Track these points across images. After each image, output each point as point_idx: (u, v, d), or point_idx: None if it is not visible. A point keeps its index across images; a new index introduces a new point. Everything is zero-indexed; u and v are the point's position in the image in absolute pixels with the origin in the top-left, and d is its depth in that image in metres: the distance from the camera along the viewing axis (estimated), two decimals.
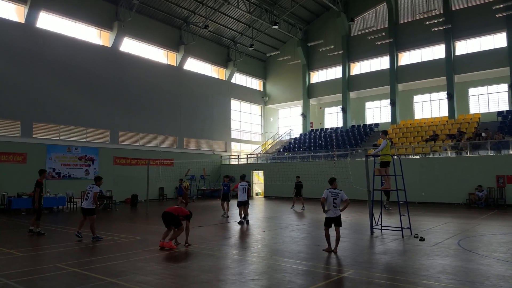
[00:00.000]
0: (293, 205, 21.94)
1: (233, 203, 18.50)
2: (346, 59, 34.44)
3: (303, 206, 21.15)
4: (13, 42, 22.06)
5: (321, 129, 36.45)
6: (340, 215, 9.18)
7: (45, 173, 12.80)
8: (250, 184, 18.80)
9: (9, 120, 21.93)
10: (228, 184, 17.37)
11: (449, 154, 24.01)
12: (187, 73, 32.45)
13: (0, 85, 21.38)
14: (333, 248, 9.09)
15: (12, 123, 22.08)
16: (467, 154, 23.17)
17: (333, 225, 9.14)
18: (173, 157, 29.26)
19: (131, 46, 28.78)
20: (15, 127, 22.17)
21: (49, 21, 24.15)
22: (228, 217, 16.64)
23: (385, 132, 12.84)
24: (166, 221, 9.95)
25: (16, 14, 22.91)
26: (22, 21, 22.82)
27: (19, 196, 19.51)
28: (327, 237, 9.17)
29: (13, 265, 8.17)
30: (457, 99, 29.26)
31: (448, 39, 29.10)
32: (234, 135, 37.27)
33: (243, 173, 17.05)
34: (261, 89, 41.11)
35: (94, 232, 11.06)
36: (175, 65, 31.83)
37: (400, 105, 32.15)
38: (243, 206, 15.21)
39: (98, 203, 20.87)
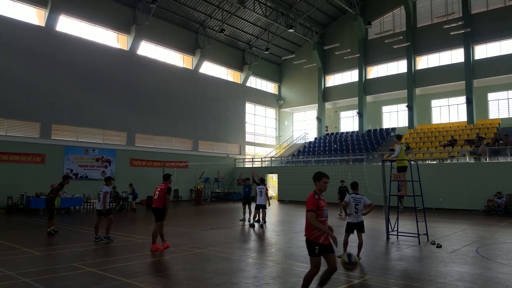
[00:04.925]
0: (340, 212, 18.99)
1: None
2: (363, 63, 34.20)
3: (341, 212, 18.78)
4: (33, 45, 22.54)
5: (337, 133, 36.23)
6: (362, 221, 9.00)
7: (68, 180, 12.93)
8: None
9: (28, 121, 22.38)
10: (250, 185, 16.86)
11: (467, 160, 23.57)
12: (202, 77, 32.66)
13: (20, 87, 21.86)
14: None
15: (32, 124, 22.52)
16: (486, 160, 22.72)
17: (355, 231, 8.97)
18: (187, 160, 29.47)
19: (148, 49, 29.13)
20: (34, 128, 22.61)
21: (68, 25, 24.61)
22: (244, 220, 16.57)
23: (398, 137, 12.67)
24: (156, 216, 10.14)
25: (36, 17, 23.41)
26: (43, 24, 23.32)
27: (37, 196, 19.88)
28: (345, 244, 8.95)
29: (31, 264, 8.32)
30: (476, 104, 28.74)
31: (467, 43, 28.63)
32: (248, 138, 37.31)
33: (261, 177, 16.99)
34: (276, 92, 41.10)
35: (108, 232, 11.19)
36: (191, 68, 32.08)
37: (418, 110, 31.74)
38: (260, 209, 15.32)
39: (114, 204, 21.39)
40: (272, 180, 32.51)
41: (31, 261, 8.69)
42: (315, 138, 36.61)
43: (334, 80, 37.36)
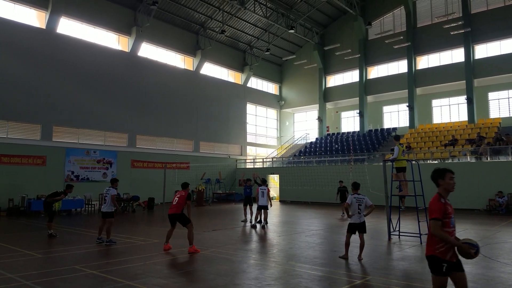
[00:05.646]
0: (343, 213, 18.80)
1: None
2: (363, 63, 34.19)
3: (343, 213, 18.72)
4: (34, 47, 22.56)
5: (338, 133, 36.21)
6: (364, 221, 9.03)
7: (71, 189, 12.95)
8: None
9: (29, 123, 22.40)
10: (250, 186, 16.95)
11: (468, 159, 23.55)
12: (203, 78, 32.68)
13: (21, 89, 21.87)
14: (357, 255, 8.96)
15: (33, 126, 22.54)
16: (487, 159, 22.69)
17: (357, 232, 8.99)
18: (189, 161, 29.46)
19: (149, 51, 29.14)
20: (35, 130, 22.63)
21: (69, 27, 24.63)
22: (245, 220, 16.62)
23: (397, 138, 12.68)
24: (173, 222, 10.28)
25: (37, 20, 23.44)
26: (43, 26, 23.34)
27: (38, 198, 19.87)
28: (347, 244, 9.01)
29: (32, 266, 8.32)
30: (476, 103, 28.72)
31: (468, 43, 28.61)
32: (249, 139, 37.31)
33: (263, 178, 16.99)
34: (277, 93, 41.10)
35: (109, 236, 11.09)
36: (192, 69, 32.09)
37: (419, 109, 31.71)
38: (262, 210, 15.31)
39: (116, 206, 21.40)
40: (274, 181, 32.49)
41: (32, 263, 8.70)
42: (316, 139, 36.60)
43: (334, 80, 37.36)
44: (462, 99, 29.18)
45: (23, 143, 21.79)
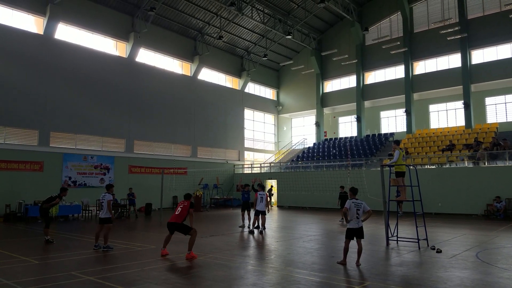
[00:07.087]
0: (341, 218, 18.89)
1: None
2: (360, 68, 34.32)
3: (342, 218, 18.84)
4: (32, 53, 22.57)
5: (335, 138, 36.26)
6: (362, 226, 9.04)
7: (66, 192, 12.93)
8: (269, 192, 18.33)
9: (27, 129, 22.35)
10: (249, 192, 16.87)
11: (466, 164, 23.59)
12: (201, 83, 32.72)
13: (18, 94, 21.86)
14: (355, 261, 8.94)
15: (30, 132, 22.49)
16: (484, 164, 22.73)
17: (354, 237, 8.97)
18: (186, 166, 29.41)
19: (147, 56, 29.19)
20: (33, 136, 22.58)
21: (67, 33, 24.66)
22: (243, 226, 16.58)
23: (397, 142, 12.69)
24: (171, 230, 10.22)
25: (35, 25, 23.46)
26: (41, 32, 23.36)
27: (35, 204, 19.77)
28: (346, 251, 8.97)
29: (29, 273, 8.27)
30: (474, 108, 28.82)
31: (464, 48, 28.77)
32: (247, 144, 37.32)
33: (261, 183, 16.99)
34: (275, 98, 41.18)
35: (106, 241, 11.04)
36: (189, 75, 32.14)
37: (416, 115, 31.82)
38: (260, 215, 15.29)
39: (113, 211, 21.31)
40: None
41: (29, 269, 8.65)
42: (314, 144, 36.63)
43: (332, 85, 37.47)
44: (459, 104, 29.31)
45: (21, 148, 21.74)
